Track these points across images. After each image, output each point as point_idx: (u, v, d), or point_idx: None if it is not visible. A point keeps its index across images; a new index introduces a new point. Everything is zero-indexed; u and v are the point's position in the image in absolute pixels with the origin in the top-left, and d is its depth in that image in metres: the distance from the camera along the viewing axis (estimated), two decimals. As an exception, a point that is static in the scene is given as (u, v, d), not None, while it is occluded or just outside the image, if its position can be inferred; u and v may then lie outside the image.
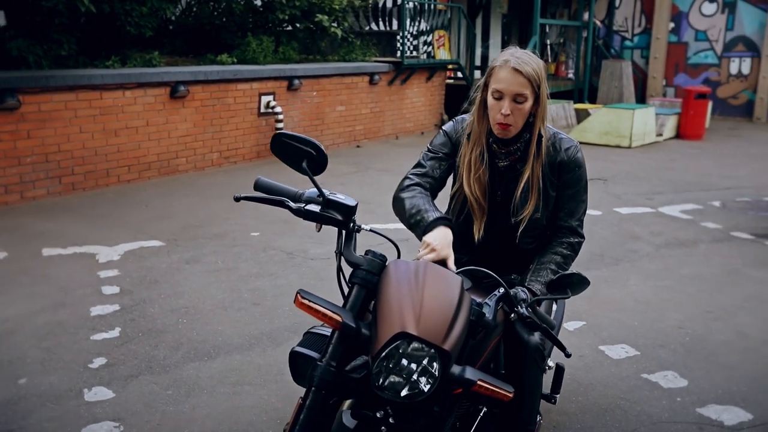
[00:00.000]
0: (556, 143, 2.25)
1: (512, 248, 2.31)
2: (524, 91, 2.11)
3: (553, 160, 2.24)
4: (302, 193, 1.96)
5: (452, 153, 2.33)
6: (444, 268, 1.80)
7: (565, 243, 2.28)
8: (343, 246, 1.86)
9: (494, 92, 2.14)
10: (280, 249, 5.42)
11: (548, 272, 2.19)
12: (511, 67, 2.11)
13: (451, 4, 12.89)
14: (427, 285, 1.69)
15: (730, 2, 14.80)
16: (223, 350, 3.71)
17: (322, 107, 9.96)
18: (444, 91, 12.74)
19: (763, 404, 3.17)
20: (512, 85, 2.11)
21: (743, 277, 4.93)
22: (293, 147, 1.89)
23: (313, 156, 1.88)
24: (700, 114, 12.05)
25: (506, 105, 2.12)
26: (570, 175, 2.26)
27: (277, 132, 1.98)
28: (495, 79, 2.14)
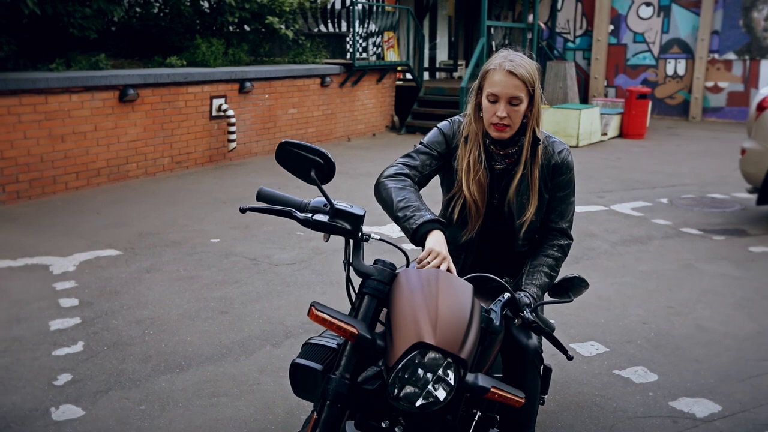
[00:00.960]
0: (549, 146, 2.28)
1: (506, 251, 2.33)
2: (519, 93, 2.12)
3: (548, 163, 2.27)
4: (308, 203, 1.92)
5: (445, 154, 2.32)
6: (455, 276, 1.79)
7: (556, 245, 2.31)
8: (352, 256, 1.83)
9: (489, 95, 2.15)
10: (243, 255, 5.33)
11: (542, 275, 2.22)
12: (506, 70, 2.12)
13: (400, 6, 12.95)
14: (441, 293, 1.68)
15: (665, 6, 15.35)
16: (194, 361, 3.62)
17: (274, 110, 9.85)
18: (394, 92, 12.79)
19: (730, 396, 3.29)
20: (507, 88, 2.12)
21: (697, 272, 5.11)
22: (300, 156, 1.85)
23: (321, 165, 1.84)
24: (642, 114, 12.45)
25: (502, 108, 2.13)
26: (562, 177, 2.29)
27: (283, 141, 1.93)
28: (490, 83, 2.15)
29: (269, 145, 9.84)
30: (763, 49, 14.57)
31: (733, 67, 14.89)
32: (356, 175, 8.52)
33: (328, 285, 4.74)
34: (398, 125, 12.76)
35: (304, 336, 3.92)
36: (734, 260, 5.41)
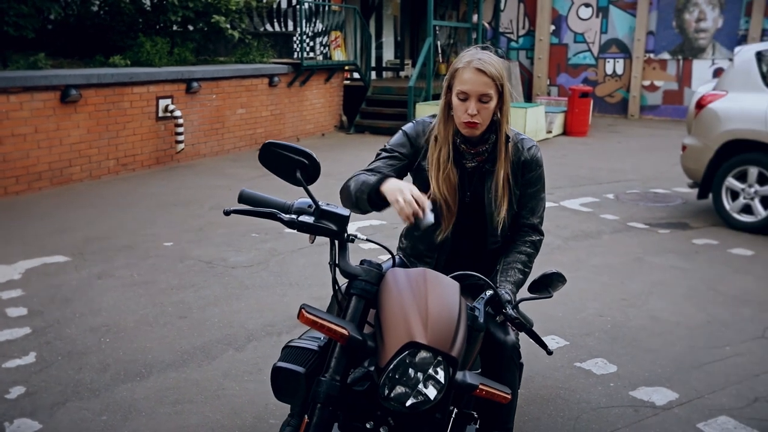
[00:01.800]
0: (518, 143, 2.32)
1: (480, 249, 2.35)
2: (489, 90, 2.15)
3: (518, 160, 2.30)
4: (291, 204, 1.90)
5: (410, 154, 2.33)
6: (442, 274, 1.80)
7: (527, 242, 2.34)
8: (338, 257, 1.81)
9: (459, 93, 2.17)
10: (198, 259, 5.23)
11: (515, 272, 2.25)
12: (475, 68, 2.14)
13: (346, 5, 12.92)
14: (430, 292, 1.68)
15: (604, 7, 15.78)
16: (155, 368, 3.53)
17: (222, 110, 9.69)
18: (342, 92, 12.76)
19: (686, 383, 3.41)
20: (477, 86, 2.14)
21: (646, 265, 5.27)
22: (285, 157, 1.83)
23: (306, 165, 1.82)
24: (584, 112, 12.78)
25: (472, 105, 2.15)
26: (532, 173, 2.33)
27: (267, 141, 1.90)
28: (459, 81, 2.17)
29: (217, 146, 9.68)
30: (695, 50, 15.14)
31: (668, 66, 15.43)
32: (308, 176, 8.46)
33: (287, 287, 4.69)
34: (347, 125, 12.74)
35: (266, 339, 3.88)
36: (680, 253, 5.61)
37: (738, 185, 6.33)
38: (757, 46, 6.68)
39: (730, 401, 3.24)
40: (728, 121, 6.36)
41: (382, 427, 1.75)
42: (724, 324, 4.16)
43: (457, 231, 2.32)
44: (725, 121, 6.38)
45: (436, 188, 2.24)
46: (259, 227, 6.07)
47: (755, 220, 6.21)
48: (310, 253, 5.39)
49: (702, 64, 15.12)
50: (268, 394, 3.27)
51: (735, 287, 4.81)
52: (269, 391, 3.27)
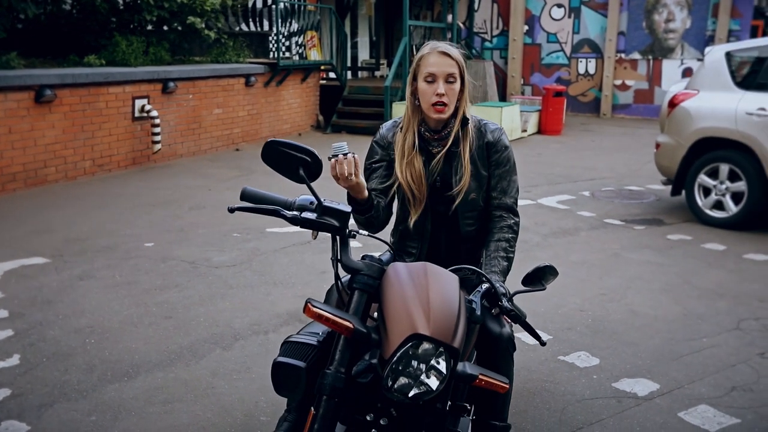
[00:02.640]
0: (482, 127, 2.43)
1: (457, 235, 2.43)
2: (454, 71, 2.27)
3: (482, 142, 2.40)
4: (293, 201, 1.92)
5: (385, 155, 2.45)
6: (441, 268, 1.84)
7: (505, 227, 2.41)
8: (340, 252, 1.84)
9: (427, 76, 2.27)
10: (180, 259, 5.21)
11: (500, 260, 2.33)
12: (440, 51, 2.28)
13: (322, 5, 12.92)
14: (431, 285, 1.73)
15: (576, 7, 16.00)
16: (142, 368, 3.53)
17: (199, 110, 9.64)
18: (318, 92, 12.76)
19: (666, 374, 3.51)
20: (443, 67, 2.26)
21: (623, 260, 5.39)
22: (288, 155, 1.85)
23: (309, 163, 1.85)
24: (558, 111, 12.95)
25: (441, 85, 2.26)
26: (498, 154, 2.41)
27: (270, 140, 1.92)
28: (426, 65, 2.28)
29: (194, 147, 9.63)
30: (665, 50, 15.42)
31: (639, 66, 15.70)
32: (287, 175, 8.46)
33: (271, 286, 4.71)
34: (323, 124, 12.75)
35: (253, 338, 3.89)
36: (655, 248, 5.74)
37: (710, 182, 6.48)
38: (726, 46, 6.85)
39: (708, 391, 3.34)
40: (700, 119, 6.51)
41: (381, 419, 1.79)
42: (700, 317, 4.28)
43: (434, 220, 2.41)
44: (697, 120, 6.53)
45: (400, 174, 2.34)
46: (240, 227, 6.07)
47: (726, 216, 6.37)
48: (293, 252, 5.40)
49: (671, 63, 15.41)
50: (257, 392, 3.30)
51: (709, 281, 4.94)
52: (259, 389, 3.32)
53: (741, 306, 4.47)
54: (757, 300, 4.58)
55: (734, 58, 6.57)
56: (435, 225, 2.44)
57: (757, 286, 4.84)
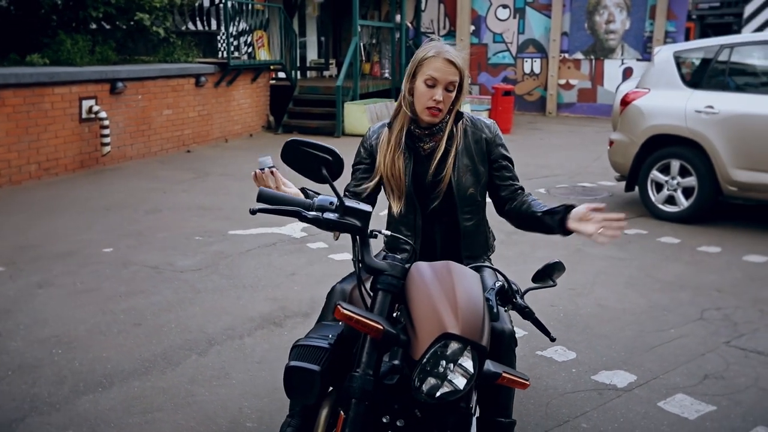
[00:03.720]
0: (477, 122, 2.45)
1: (453, 230, 2.43)
2: (455, 79, 2.27)
3: (478, 138, 2.42)
4: (313, 202, 1.87)
5: (367, 159, 2.45)
6: (463, 266, 1.83)
7: (529, 194, 2.48)
8: (362, 253, 1.81)
9: (428, 79, 2.26)
10: (143, 264, 5.06)
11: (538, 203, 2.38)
12: (446, 59, 2.26)
13: (270, 4, 12.76)
14: (456, 283, 1.72)
15: (520, 8, 16.31)
16: (117, 378, 3.40)
17: (149, 111, 9.39)
18: (269, 92, 12.61)
19: (641, 365, 3.60)
20: (447, 74, 2.25)
21: (587, 256, 5.51)
22: (310, 154, 1.81)
23: (330, 162, 1.81)
24: (508, 109, 13.16)
25: (439, 92, 2.26)
26: (498, 148, 2.45)
27: (290, 139, 1.87)
28: (429, 67, 2.26)
29: (144, 149, 9.37)
30: (606, 50, 15.87)
31: (582, 65, 16.11)
32: (243, 177, 8.32)
33: (241, 289, 4.62)
34: (274, 125, 12.60)
35: (229, 343, 3.81)
36: (614, 243, 5.87)
37: (662, 177, 6.70)
38: (674, 46, 7.09)
39: (683, 380, 3.45)
40: (651, 117, 6.72)
41: (398, 420, 1.77)
42: (665, 308, 4.41)
43: (427, 216, 2.41)
44: (649, 118, 6.74)
45: (383, 167, 2.35)
46: (202, 230, 5.94)
47: (678, 210, 6.59)
48: (259, 255, 5.32)
49: (612, 63, 15.87)
50: (240, 397, 3.23)
51: (669, 273, 5.10)
52: (241, 394, 3.26)
53: (702, 297, 4.63)
54: (716, 291, 4.75)
55: (682, 58, 6.81)
56: (429, 221, 2.44)
57: (714, 277, 5.02)
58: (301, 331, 3.98)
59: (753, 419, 3.09)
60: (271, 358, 3.63)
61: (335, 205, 1.81)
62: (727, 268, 5.24)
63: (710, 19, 24.51)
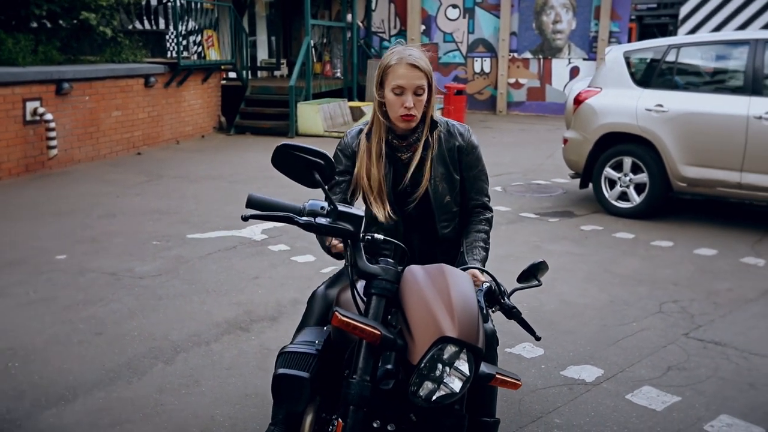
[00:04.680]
0: (451, 129, 2.43)
1: (433, 236, 2.43)
2: (423, 83, 2.24)
3: (452, 146, 2.41)
4: (304, 207, 1.83)
5: (350, 164, 2.41)
6: (455, 268, 1.83)
7: (483, 220, 2.47)
8: (356, 257, 1.78)
9: (395, 88, 2.24)
10: (100, 270, 4.91)
11: (479, 250, 2.37)
12: (409, 64, 2.23)
13: (220, 3, 12.56)
14: (451, 286, 1.71)
15: (470, 8, 16.47)
16: (80, 390, 3.29)
17: (97, 113, 9.12)
18: (220, 92, 12.42)
19: (607, 359, 3.68)
20: (412, 80, 2.22)
21: (545, 252, 5.60)
22: (302, 159, 1.77)
23: (322, 166, 1.77)
24: (460, 108, 13.28)
25: (409, 99, 2.23)
26: (470, 156, 2.44)
27: (281, 144, 1.82)
28: (394, 76, 2.24)
29: (93, 151, 9.10)
30: (553, 49, 16.18)
31: (530, 65, 16.38)
32: (198, 179, 8.18)
33: (204, 294, 4.53)
34: (226, 126, 12.42)
35: (195, 350, 3.73)
36: (572, 239, 6.01)
37: (615, 174, 6.86)
38: (624, 46, 7.27)
39: (648, 372, 3.54)
40: (604, 115, 6.87)
41: (389, 424, 1.76)
42: (625, 302, 4.52)
43: (406, 224, 2.40)
44: (601, 116, 6.89)
45: (363, 178, 2.33)
46: (159, 234, 5.80)
47: (631, 206, 6.76)
48: (220, 259, 5.23)
49: (560, 62, 16.18)
50: (211, 405, 3.17)
51: (626, 268, 5.23)
52: (212, 402, 3.19)
53: (659, 290, 4.76)
54: (672, 284, 4.89)
55: (632, 58, 6.99)
56: (407, 229, 2.42)
57: (669, 271, 5.17)
58: (269, 335, 3.93)
59: (716, 408, 3.20)
60: (240, 363, 3.57)
61: (326, 210, 1.78)
62: (681, 262, 5.40)
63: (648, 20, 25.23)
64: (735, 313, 4.37)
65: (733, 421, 3.09)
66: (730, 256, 5.53)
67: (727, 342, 3.92)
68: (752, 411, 3.18)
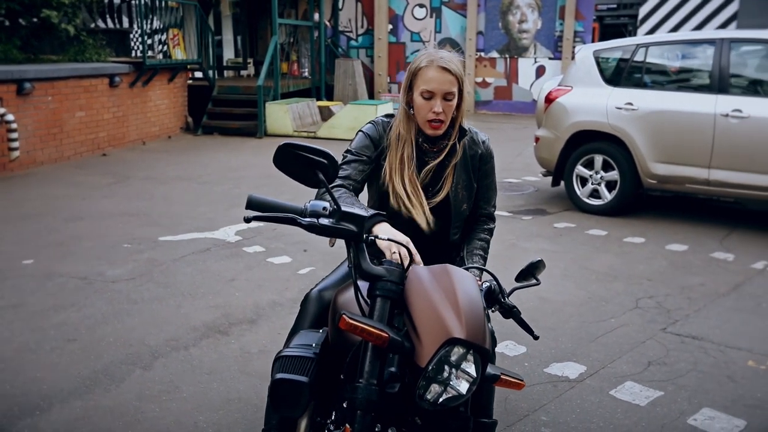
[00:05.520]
0: (474, 136, 2.40)
1: (443, 241, 2.40)
2: (453, 89, 2.20)
3: (474, 153, 2.38)
4: (306, 208, 1.77)
5: (375, 157, 2.33)
6: (460, 268, 1.80)
7: (486, 229, 2.47)
8: (359, 259, 1.73)
9: (424, 92, 2.19)
10: (69, 275, 4.78)
11: (478, 258, 2.37)
12: (439, 66, 2.18)
13: (185, 1, 12.36)
14: (457, 287, 1.68)
15: (437, 8, 16.51)
16: (55, 399, 3.19)
17: (60, 113, 8.89)
18: (186, 92, 12.22)
19: (588, 355, 3.71)
20: (443, 84, 2.18)
21: (521, 250, 5.63)
22: (304, 158, 1.71)
23: (326, 166, 1.72)
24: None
25: (438, 104, 2.19)
26: (487, 165, 2.42)
27: (284, 143, 1.76)
28: (423, 80, 2.19)
29: (56, 153, 8.87)
30: (519, 49, 16.31)
31: (497, 64, 16.48)
32: (167, 180, 8.03)
33: (180, 297, 4.43)
34: (193, 126, 12.23)
35: (174, 354, 3.65)
36: (546, 237, 6.05)
37: (586, 172, 6.93)
38: (593, 45, 7.35)
39: (629, 368, 3.57)
40: (575, 114, 6.94)
41: (390, 428, 1.73)
42: (603, 299, 4.56)
43: (415, 227, 2.34)
44: (572, 114, 6.96)
45: (400, 186, 2.26)
46: (129, 237, 5.67)
47: (602, 203, 6.84)
48: (194, 261, 5.13)
49: (526, 62, 16.32)
50: (194, 411, 3.10)
51: (601, 265, 5.29)
52: (194, 408, 3.12)
53: (634, 286, 4.81)
54: (646, 280, 4.96)
55: (601, 57, 7.07)
56: (418, 232, 2.34)
57: (642, 267, 5.24)
58: (249, 338, 3.87)
59: (698, 401, 3.24)
60: (221, 368, 3.50)
61: (329, 210, 1.73)
62: (653, 258, 5.48)
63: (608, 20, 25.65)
64: (709, 307, 4.44)
65: (716, 414, 3.13)
66: (700, 252, 5.63)
67: (703, 336, 3.98)
68: (733, 403, 3.23)
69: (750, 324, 4.17)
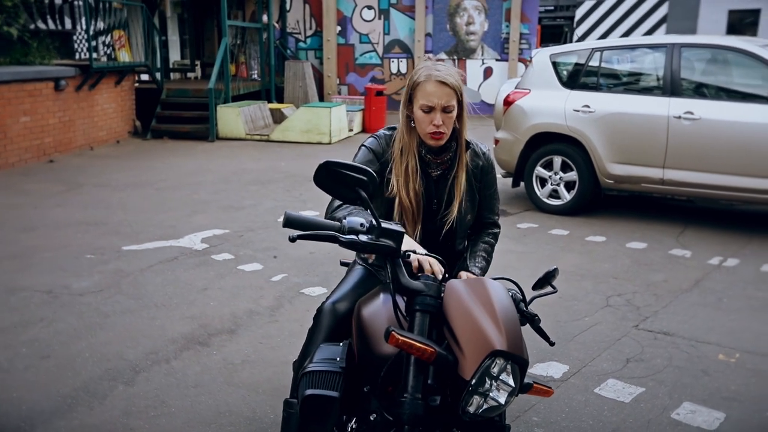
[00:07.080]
0: (475, 148, 2.43)
1: (449, 251, 2.41)
2: (452, 101, 2.22)
3: (476, 165, 2.41)
4: (344, 225, 1.75)
5: (379, 171, 2.33)
6: (494, 280, 1.82)
7: (490, 234, 2.52)
8: (398, 274, 1.73)
9: (423, 106, 2.21)
10: (33, 288, 4.60)
11: (481, 259, 2.42)
12: (437, 81, 2.20)
13: (130, 2, 12.04)
14: (494, 299, 1.70)
15: (385, 9, 16.57)
16: (37, 420, 3.07)
17: (3, 118, 8.53)
18: (134, 95, 11.91)
19: (569, 355, 3.80)
20: (441, 98, 2.20)
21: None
22: (346, 176, 1.70)
23: (366, 183, 1.71)
24: (381, 109, 13.36)
25: (438, 117, 2.21)
26: (488, 176, 2.46)
27: (325, 161, 1.74)
28: (422, 94, 2.21)
29: (1, 160, 8.51)
30: (467, 50, 16.54)
31: (445, 66, 16.66)
32: (121, 187, 7.82)
33: (153, 309, 4.33)
34: (141, 130, 11.93)
35: (155, 368, 3.56)
36: (511, 237, 6.16)
37: (545, 173, 7.09)
38: (550, 49, 7.52)
39: (609, 365, 3.67)
40: (534, 116, 7.09)
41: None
42: (574, 298, 4.68)
43: (425, 235, 2.37)
44: (531, 117, 7.10)
45: (405, 198, 2.28)
46: (91, 247, 5.50)
47: (562, 203, 7.01)
48: (163, 271, 5.01)
49: (474, 63, 16.56)
50: (185, 426, 3.04)
51: (568, 264, 5.41)
52: (185, 422, 3.07)
53: (602, 284, 4.96)
54: (612, 277, 5.11)
55: (558, 61, 7.24)
56: (425, 242, 2.36)
57: (607, 265, 5.40)
58: (231, 349, 3.81)
59: (678, 396, 3.36)
60: (206, 380, 3.44)
61: (366, 226, 1.73)
62: (616, 256, 5.64)
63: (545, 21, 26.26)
64: (675, 303, 4.61)
65: (696, 408, 3.25)
66: (659, 249, 5.83)
67: (674, 332, 4.13)
68: (710, 396, 3.36)
69: (715, 319, 4.35)
